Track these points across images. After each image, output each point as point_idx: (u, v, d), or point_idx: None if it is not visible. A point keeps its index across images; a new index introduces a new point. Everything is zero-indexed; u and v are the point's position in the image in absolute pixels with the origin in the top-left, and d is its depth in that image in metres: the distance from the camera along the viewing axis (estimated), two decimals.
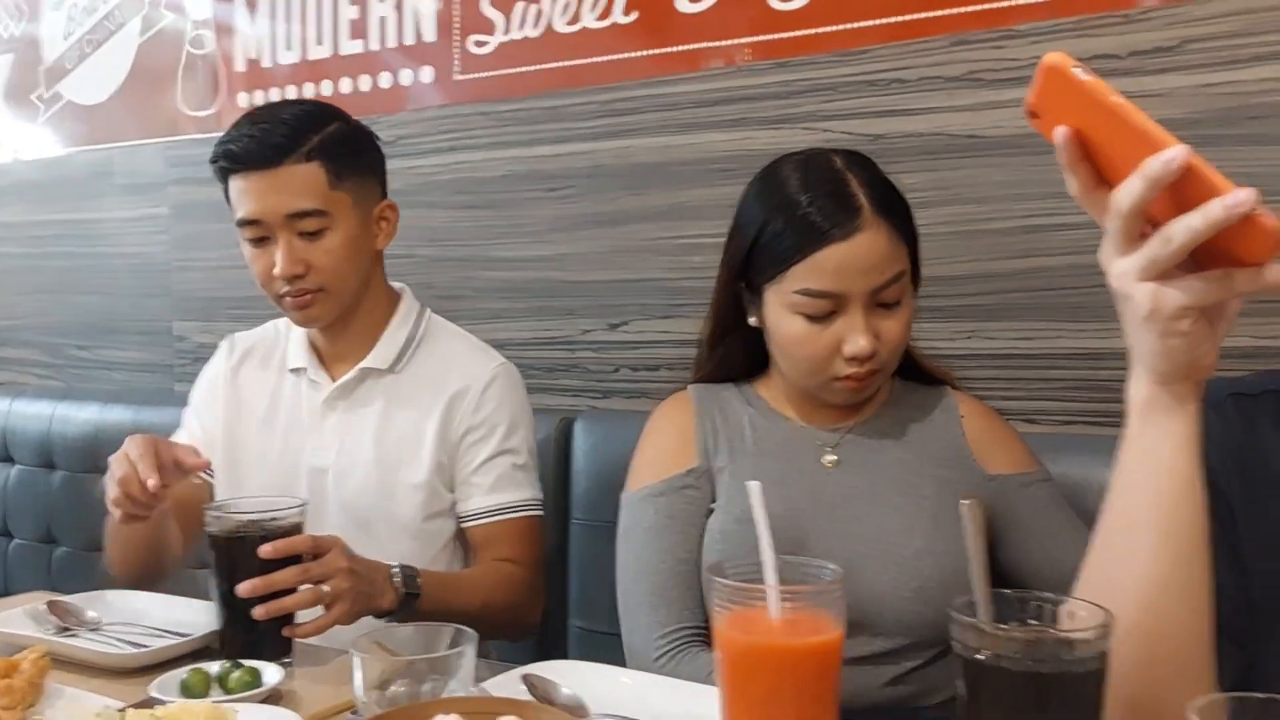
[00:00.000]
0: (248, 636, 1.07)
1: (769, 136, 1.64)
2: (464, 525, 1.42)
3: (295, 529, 1.11)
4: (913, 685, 1.11)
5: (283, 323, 1.53)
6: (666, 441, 1.23)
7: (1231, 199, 0.62)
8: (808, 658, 0.73)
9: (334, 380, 1.44)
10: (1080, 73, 0.68)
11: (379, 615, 1.20)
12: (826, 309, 1.09)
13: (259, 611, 1.06)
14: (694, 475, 1.18)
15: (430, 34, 1.95)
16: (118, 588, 1.35)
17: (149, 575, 1.38)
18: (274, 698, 0.99)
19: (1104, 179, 0.70)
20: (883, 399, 1.21)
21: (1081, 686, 0.65)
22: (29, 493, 2.32)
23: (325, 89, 2.10)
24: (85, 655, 1.09)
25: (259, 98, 2.21)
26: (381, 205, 1.44)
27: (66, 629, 1.18)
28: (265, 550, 1.06)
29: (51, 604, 1.22)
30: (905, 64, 1.53)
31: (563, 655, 1.58)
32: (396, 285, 1.51)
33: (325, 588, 1.10)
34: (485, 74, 1.90)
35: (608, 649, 1.25)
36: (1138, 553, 0.73)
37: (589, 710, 0.90)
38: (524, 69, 1.86)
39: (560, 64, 1.82)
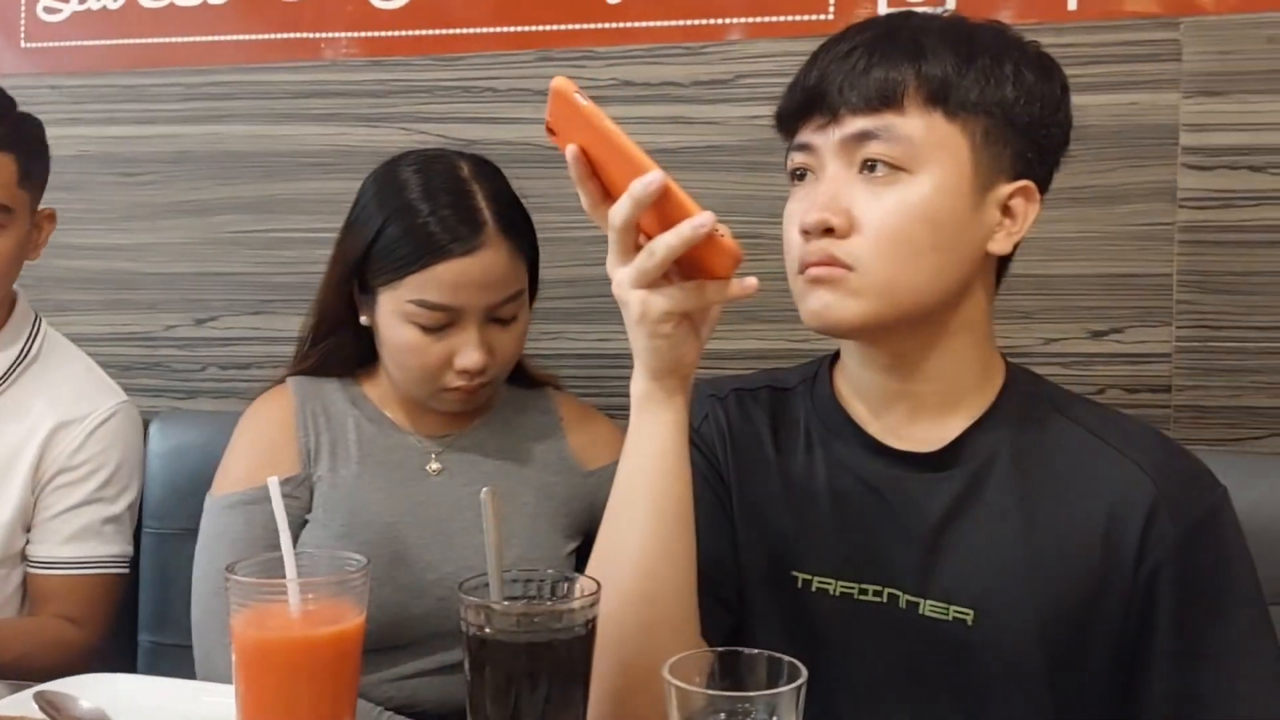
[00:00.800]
0: None
1: (365, 134, 1.63)
2: (30, 571, 1.27)
3: None
4: None
5: None
6: (262, 443, 1.16)
7: (697, 220, 0.72)
8: (325, 647, 0.74)
9: None
10: (580, 98, 0.75)
11: None
12: (441, 321, 1.08)
13: None
14: (291, 485, 1.12)
15: None
16: None
17: None
18: None
19: (608, 195, 0.78)
20: (489, 406, 1.21)
21: (569, 652, 0.72)
22: None
23: None
24: None
25: None
26: (46, 210, 1.31)
27: None
28: None
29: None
30: (497, 74, 1.59)
31: (130, 671, 1.48)
32: (13, 288, 1.33)
33: None
34: (57, 43, 1.73)
35: (182, 663, 1.18)
36: (635, 526, 0.82)
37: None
38: (102, 42, 1.71)
39: (143, 40, 1.70)
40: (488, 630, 0.70)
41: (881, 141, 0.82)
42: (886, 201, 0.82)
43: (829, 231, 0.82)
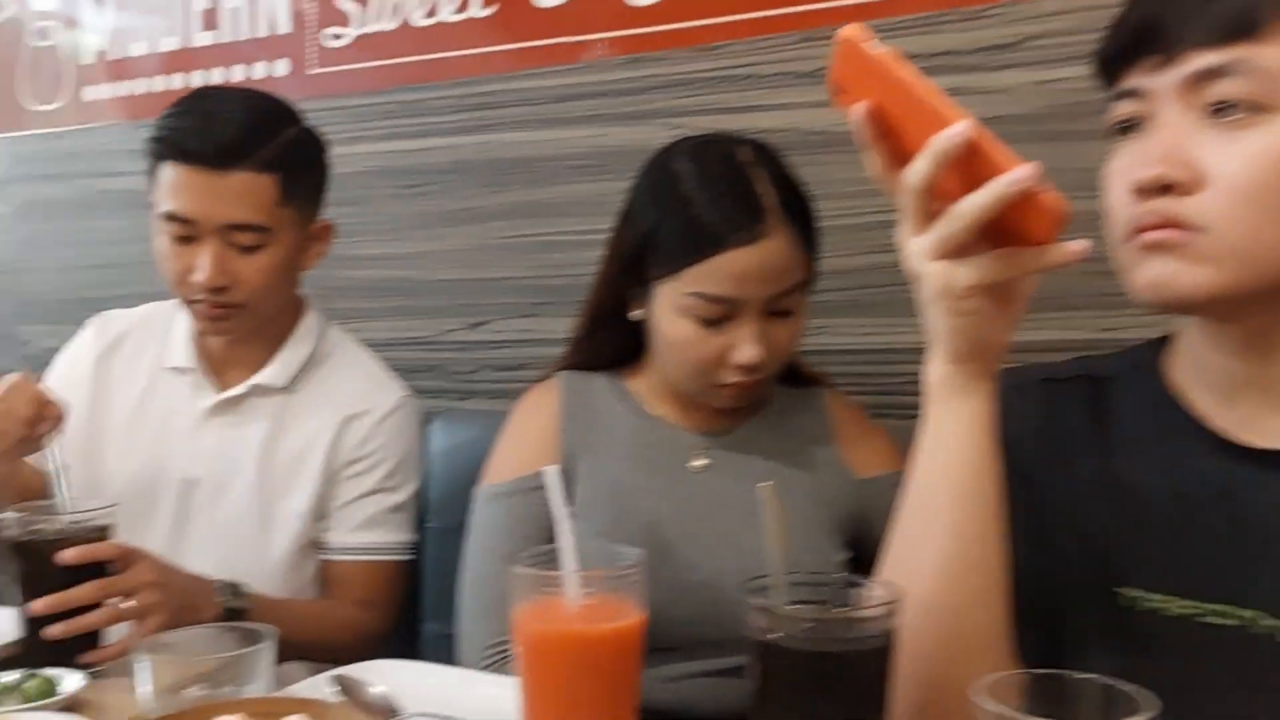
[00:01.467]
0: (50, 649, 1.01)
1: (626, 133, 1.63)
2: (324, 558, 1.35)
3: (101, 534, 1.04)
4: None
5: (164, 309, 1.42)
6: (526, 436, 1.17)
7: (1015, 174, 0.63)
8: (604, 645, 0.71)
9: (221, 389, 1.35)
10: (872, 46, 0.68)
11: None
12: (719, 314, 1.04)
13: (55, 630, 0.99)
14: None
15: (285, 26, 1.89)
16: None
17: None
18: (74, 706, 0.93)
19: (900, 158, 0.70)
20: (760, 404, 1.17)
21: (866, 665, 0.65)
22: None
23: (177, 82, 2.02)
24: None
25: (105, 91, 2.12)
26: (319, 225, 1.35)
27: None
28: (64, 556, 1.00)
29: None
30: (757, 60, 1.54)
31: (414, 659, 1.55)
32: (300, 294, 1.41)
33: (131, 603, 1.03)
34: (340, 67, 1.85)
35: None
36: (934, 529, 0.74)
37: (399, 709, 0.87)
38: (380, 63, 1.81)
39: (417, 58, 1.78)
40: (775, 636, 0.65)
41: (1235, 78, 0.69)
42: (1243, 149, 0.69)
43: (1167, 189, 0.70)
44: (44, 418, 1.15)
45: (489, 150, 1.75)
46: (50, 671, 0.95)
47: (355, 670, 0.92)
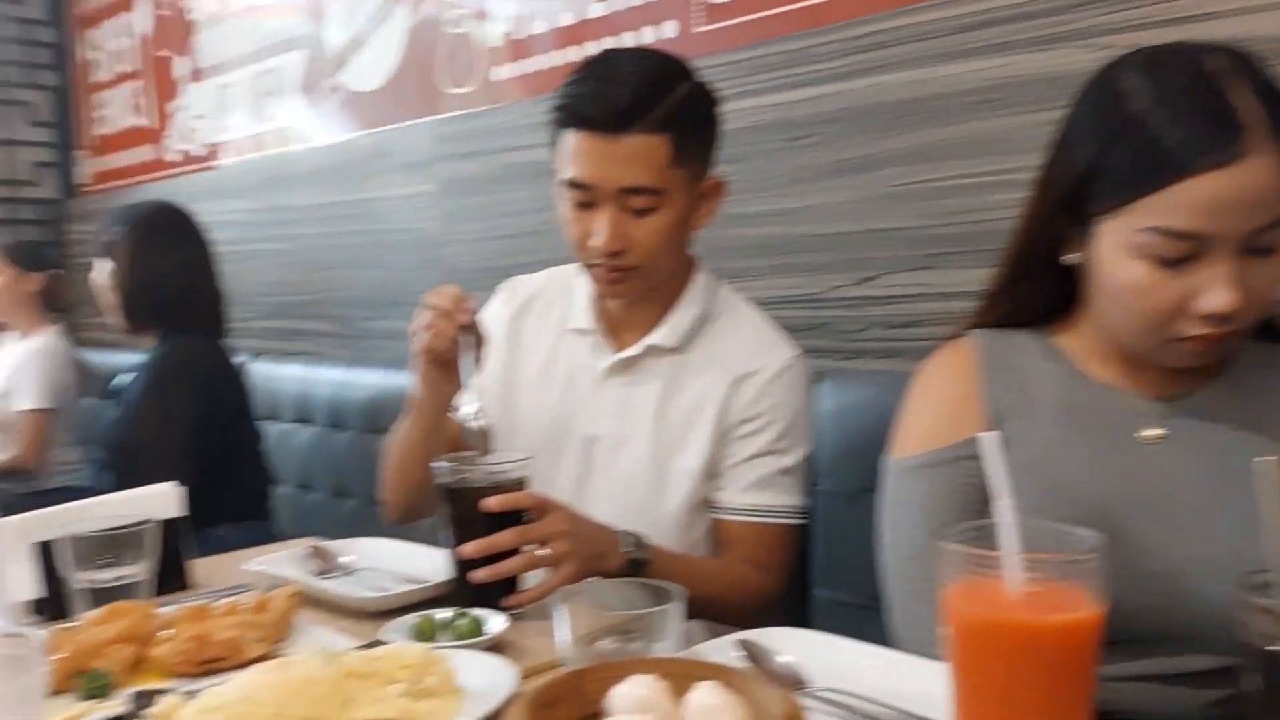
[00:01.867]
0: (475, 591, 1.08)
1: (1037, 60, 1.46)
2: (715, 517, 1.35)
3: (518, 484, 1.10)
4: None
5: (566, 272, 1.48)
6: (943, 402, 1.05)
7: None
8: (1051, 638, 0.62)
9: (618, 349, 1.39)
10: None
11: (610, 576, 1.17)
12: (1183, 252, 0.87)
13: (480, 574, 1.07)
14: (974, 446, 1.01)
15: None
16: (394, 518, 1.43)
17: (420, 496, 1.37)
18: (497, 647, 0.99)
19: None
20: (1226, 362, 0.98)
21: None
22: (323, 451, 2.54)
23: (571, 55, 2.11)
24: (331, 597, 1.14)
25: (511, 70, 2.27)
26: (710, 182, 1.33)
27: (325, 571, 1.25)
28: (487, 504, 1.06)
29: (314, 548, 1.30)
30: None
31: (804, 624, 1.51)
32: (691, 254, 1.42)
33: (545, 551, 1.09)
34: (726, 23, 1.83)
35: (851, 620, 1.16)
36: None
37: (807, 682, 0.83)
38: (765, 14, 1.77)
39: (799, 4, 1.72)
40: None
41: None
42: None
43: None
44: (464, 309, 1.24)
45: (876, 94, 1.65)
46: (478, 612, 1.02)
47: (759, 636, 0.89)
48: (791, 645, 0.88)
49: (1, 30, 4.02)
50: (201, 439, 2.16)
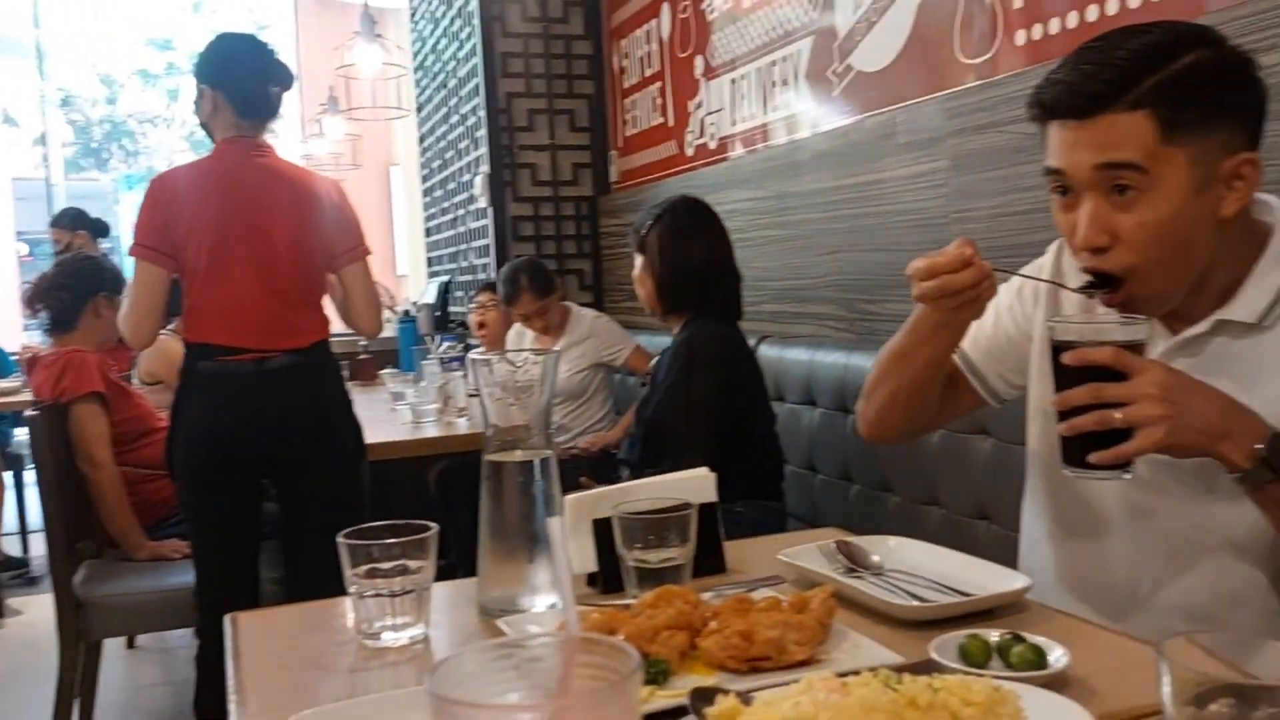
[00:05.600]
0: (1067, 449, 1.09)
1: None
2: None
3: (1130, 347, 1.06)
4: None
5: None
6: None
7: None
8: None
9: (1174, 333, 1.19)
10: None
11: (1229, 469, 1.06)
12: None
13: (1061, 428, 1.07)
14: None
15: None
16: (869, 434, 1.44)
17: (902, 416, 1.38)
18: (1058, 683, 0.89)
19: None
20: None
21: None
22: (829, 434, 2.55)
23: (1091, 13, 1.87)
24: (869, 600, 1.11)
25: (1036, 33, 2.08)
26: (1238, 160, 1.10)
27: (852, 569, 1.23)
28: (1064, 357, 1.06)
29: (840, 543, 1.27)
30: None
31: None
32: (1257, 221, 1.17)
33: (1117, 415, 1.03)
34: None
35: None
36: None
37: None
38: None
39: None
40: None
41: None
42: None
43: None
44: (977, 279, 1.16)
45: None
46: (1038, 640, 0.92)
47: None
48: None
49: (549, 48, 4.57)
50: (722, 418, 2.28)
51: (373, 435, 2.71)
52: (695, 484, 1.32)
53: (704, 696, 0.82)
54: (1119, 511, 1.23)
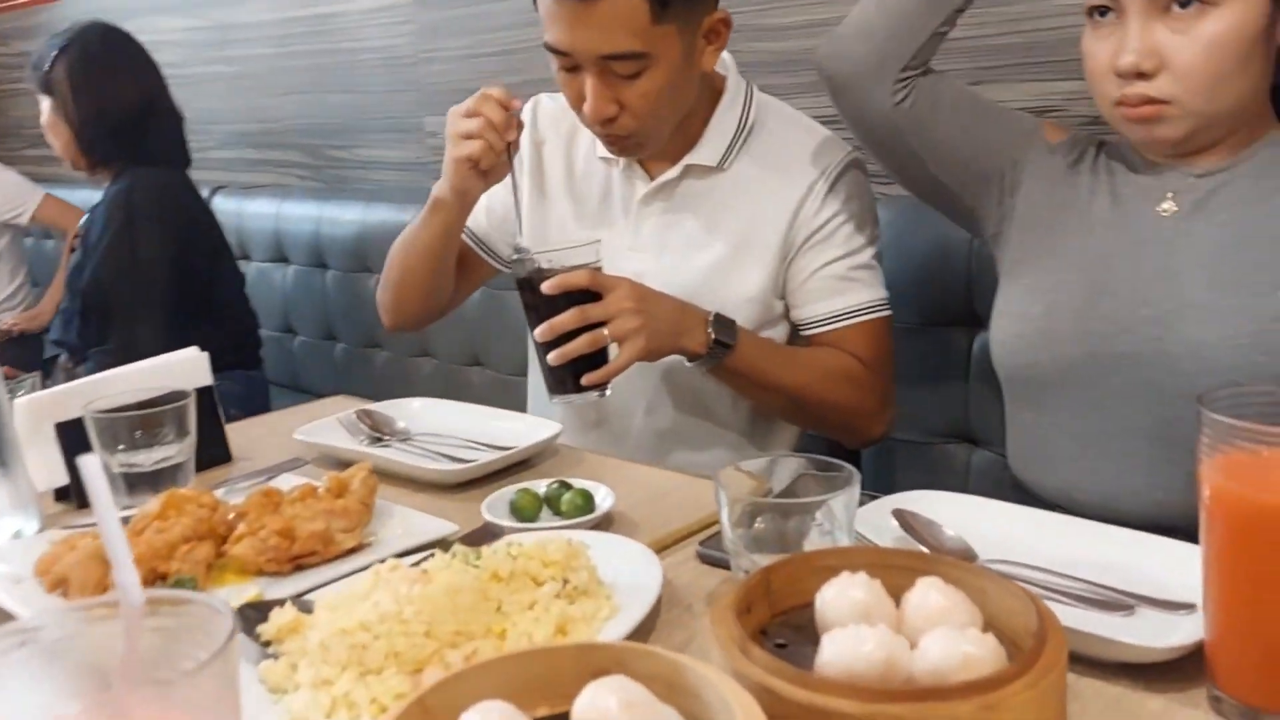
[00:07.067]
0: (557, 377, 1.11)
1: None
2: (803, 333, 1.27)
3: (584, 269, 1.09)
4: None
5: None
6: None
7: None
8: None
9: (652, 177, 1.28)
10: None
11: (688, 359, 1.17)
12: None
13: (552, 357, 1.08)
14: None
15: None
16: (392, 324, 1.40)
17: (422, 303, 1.36)
18: (606, 522, 0.92)
19: None
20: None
21: None
22: (306, 292, 2.39)
23: None
24: (406, 470, 1.05)
25: None
26: (712, 20, 1.19)
27: (378, 439, 1.16)
28: (544, 286, 1.06)
29: (361, 413, 1.19)
30: None
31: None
32: (714, 73, 1.27)
33: (604, 332, 1.08)
34: None
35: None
36: None
37: (975, 554, 0.77)
38: None
39: None
40: None
41: None
42: None
43: None
44: (511, 125, 1.16)
45: None
46: (580, 482, 0.94)
47: (908, 503, 0.83)
48: (945, 511, 0.81)
49: None
50: (180, 281, 2.00)
51: None
52: (184, 367, 1.15)
53: (256, 612, 0.71)
54: None
